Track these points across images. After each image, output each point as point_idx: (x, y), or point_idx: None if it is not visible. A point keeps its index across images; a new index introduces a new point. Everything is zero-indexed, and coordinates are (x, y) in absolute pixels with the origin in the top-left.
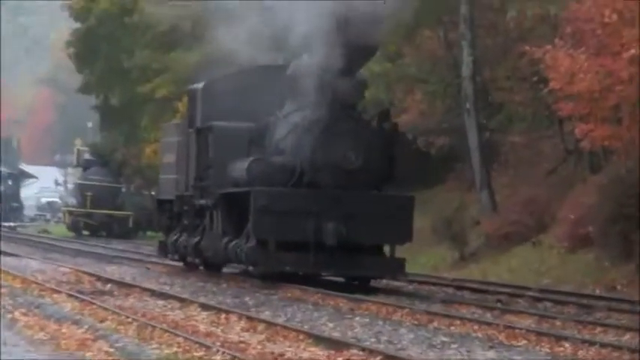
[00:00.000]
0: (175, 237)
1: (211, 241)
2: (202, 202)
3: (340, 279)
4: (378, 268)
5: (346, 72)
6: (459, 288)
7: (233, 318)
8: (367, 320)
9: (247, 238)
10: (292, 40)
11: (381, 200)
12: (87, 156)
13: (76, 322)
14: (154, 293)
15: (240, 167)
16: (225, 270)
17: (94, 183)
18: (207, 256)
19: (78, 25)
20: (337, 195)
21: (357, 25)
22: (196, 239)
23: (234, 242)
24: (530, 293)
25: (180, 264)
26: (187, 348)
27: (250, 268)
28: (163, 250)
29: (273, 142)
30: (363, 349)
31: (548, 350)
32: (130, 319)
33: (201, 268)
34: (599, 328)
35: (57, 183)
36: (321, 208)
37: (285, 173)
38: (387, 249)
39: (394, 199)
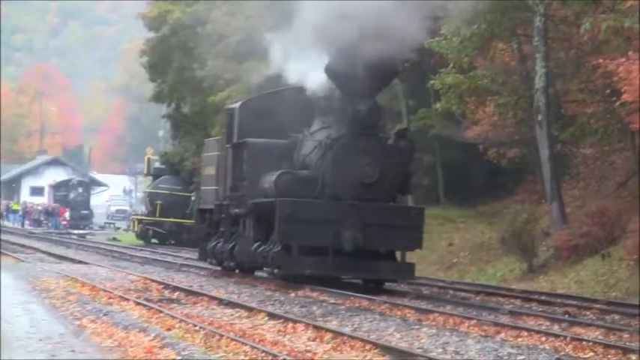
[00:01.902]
0: (214, 243)
1: (244, 246)
2: (237, 210)
3: (357, 280)
4: (391, 272)
5: (366, 96)
6: (527, 300)
7: (300, 327)
8: (434, 331)
9: (273, 243)
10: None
11: (394, 211)
12: (157, 165)
13: (144, 330)
14: (221, 302)
15: (269, 180)
16: (257, 273)
17: (164, 192)
18: (240, 260)
19: (152, 34)
20: (355, 205)
21: (378, 52)
22: (231, 245)
23: (262, 247)
24: (599, 306)
25: (219, 268)
26: (254, 357)
27: (275, 270)
28: (203, 255)
29: (300, 157)
30: None
31: None
32: (197, 328)
33: (236, 271)
34: None
35: (126, 191)
36: (340, 217)
37: (309, 185)
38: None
39: (406, 210)
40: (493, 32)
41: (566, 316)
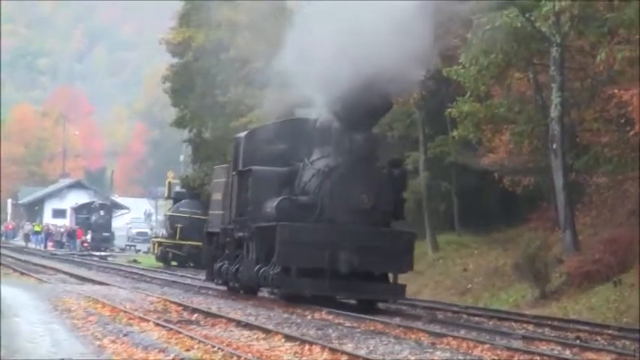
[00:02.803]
0: (220, 264)
1: (247, 267)
2: (241, 234)
3: (352, 301)
4: (383, 292)
5: (362, 127)
6: (540, 325)
7: (316, 349)
8: (448, 355)
9: (274, 265)
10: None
11: (387, 235)
12: (178, 189)
13: (163, 351)
14: (239, 324)
15: (271, 205)
16: (260, 294)
17: (184, 215)
18: (243, 280)
19: (175, 60)
20: (350, 230)
21: (373, 88)
22: (236, 266)
23: (264, 269)
24: (610, 331)
25: (224, 288)
26: None
27: (275, 290)
28: (210, 275)
29: (301, 184)
30: None
31: None
32: (215, 349)
33: (241, 291)
34: None
35: (147, 214)
36: (336, 241)
37: (307, 211)
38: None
39: (399, 235)
40: (510, 62)
41: (578, 341)
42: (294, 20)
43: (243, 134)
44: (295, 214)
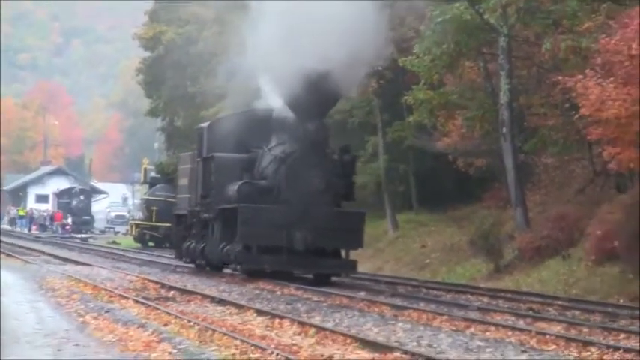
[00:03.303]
0: (187, 244)
1: (212, 246)
2: (206, 215)
3: (309, 275)
4: (336, 267)
5: (314, 117)
6: (494, 297)
7: (286, 323)
8: (409, 326)
9: (236, 243)
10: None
11: (338, 215)
12: (153, 174)
13: (142, 326)
14: (213, 299)
15: (233, 189)
16: (226, 270)
17: (160, 199)
18: (209, 258)
19: (147, 54)
20: (305, 211)
21: (322, 83)
22: (202, 245)
23: (227, 247)
24: (560, 302)
25: (192, 265)
26: (244, 350)
27: (238, 266)
28: (179, 254)
29: (260, 170)
30: (406, 352)
31: (576, 354)
32: (191, 323)
33: (207, 268)
34: (622, 335)
35: (124, 199)
36: (292, 221)
37: (266, 193)
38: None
39: (349, 215)
40: (461, 52)
41: (530, 312)
42: (251, 15)
43: (205, 125)
44: (255, 196)
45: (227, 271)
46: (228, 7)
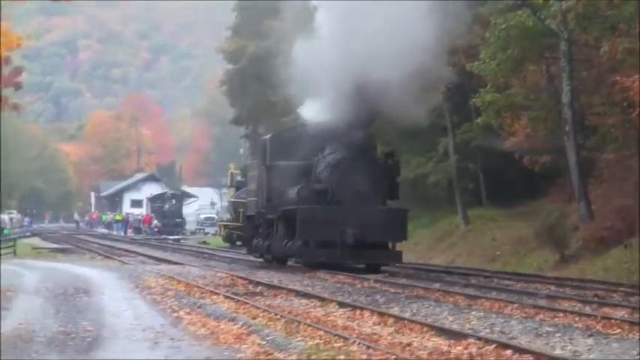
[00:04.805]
0: (256, 241)
1: (276, 243)
2: (270, 216)
3: (360, 265)
4: (382, 258)
5: (360, 127)
6: (561, 285)
7: (366, 314)
8: (482, 314)
9: (297, 240)
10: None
11: (384, 212)
12: (239, 178)
13: (232, 320)
14: (298, 293)
15: (292, 192)
16: (289, 263)
17: (246, 200)
18: (274, 253)
19: (230, 66)
20: (355, 209)
21: (368, 96)
22: (268, 242)
23: (289, 243)
24: (623, 289)
25: (261, 260)
26: (328, 340)
27: (298, 260)
28: (250, 250)
29: (316, 175)
30: (479, 339)
31: None
32: (278, 316)
33: (274, 262)
34: None
35: (212, 202)
36: (344, 218)
37: (321, 195)
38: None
39: (394, 212)
40: (524, 56)
41: (596, 298)
42: (309, 32)
43: (268, 136)
44: (312, 198)
45: (290, 263)
46: (299, 21)
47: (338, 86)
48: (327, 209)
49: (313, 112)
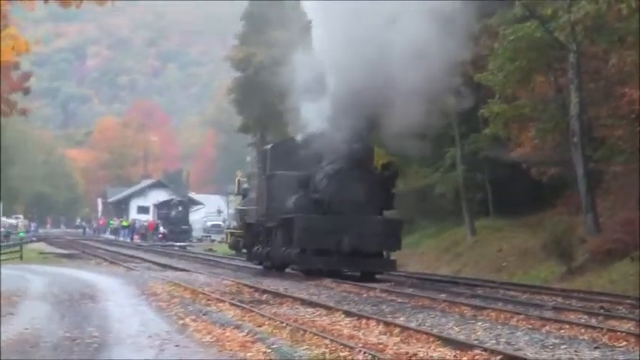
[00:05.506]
0: (256, 248)
1: (275, 250)
2: (269, 224)
3: (356, 273)
4: (377, 266)
5: (358, 139)
6: (567, 297)
7: (372, 323)
8: (488, 325)
9: (294, 247)
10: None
11: (380, 222)
12: (246, 185)
13: (238, 327)
14: (304, 302)
15: (291, 201)
16: (287, 270)
17: (252, 208)
18: (273, 260)
19: (238, 74)
20: (351, 219)
21: (364, 109)
22: (267, 249)
23: (287, 250)
24: (629, 301)
25: (260, 266)
26: (334, 349)
27: (296, 267)
28: (250, 257)
29: (314, 184)
30: (485, 350)
31: None
32: (284, 324)
33: (273, 269)
34: None
35: (219, 209)
36: (341, 227)
37: (318, 205)
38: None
39: (389, 222)
40: (532, 67)
41: (602, 310)
42: (310, 46)
43: (268, 146)
44: (309, 207)
45: (289, 270)
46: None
47: (337, 97)
48: (325, 218)
49: (313, 121)
